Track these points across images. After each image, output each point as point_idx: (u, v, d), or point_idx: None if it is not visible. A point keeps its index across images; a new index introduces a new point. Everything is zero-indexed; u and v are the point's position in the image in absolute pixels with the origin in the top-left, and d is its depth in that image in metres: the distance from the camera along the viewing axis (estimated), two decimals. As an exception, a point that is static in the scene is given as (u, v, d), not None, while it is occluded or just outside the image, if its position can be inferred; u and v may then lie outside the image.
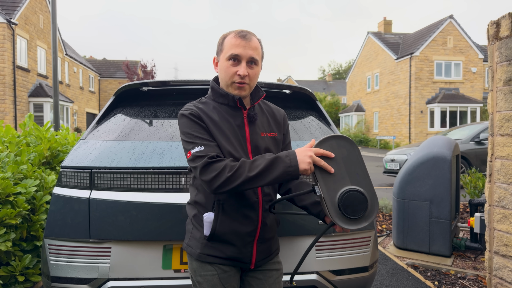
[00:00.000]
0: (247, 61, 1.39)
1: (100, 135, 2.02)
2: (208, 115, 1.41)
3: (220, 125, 1.40)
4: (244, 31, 1.41)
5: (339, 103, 37.28)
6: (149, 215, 1.76)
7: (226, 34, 1.43)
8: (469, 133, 9.16)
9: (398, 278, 3.32)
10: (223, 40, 1.42)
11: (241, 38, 1.38)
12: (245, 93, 1.42)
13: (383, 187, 9.08)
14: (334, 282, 1.88)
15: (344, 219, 1.24)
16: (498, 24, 2.34)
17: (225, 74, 1.41)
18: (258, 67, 1.43)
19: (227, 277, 1.44)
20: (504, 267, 2.32)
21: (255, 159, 1.30)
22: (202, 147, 1.33)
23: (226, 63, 1.39)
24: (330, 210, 1.24)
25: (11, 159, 2.74)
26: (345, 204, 1.23)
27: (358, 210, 1.23)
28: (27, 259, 2.55)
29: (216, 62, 1.49)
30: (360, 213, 1.23)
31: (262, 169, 1.25)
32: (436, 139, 3.93)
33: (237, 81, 1.39)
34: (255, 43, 1.41)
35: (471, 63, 23.88)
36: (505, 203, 2.30)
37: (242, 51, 1.37)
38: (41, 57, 20.76)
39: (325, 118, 2.32)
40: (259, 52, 1.43)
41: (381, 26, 29.23)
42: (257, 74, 1.44)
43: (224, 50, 1.40)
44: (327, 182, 1.26)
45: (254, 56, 1.40)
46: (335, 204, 1.24)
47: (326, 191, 1.25)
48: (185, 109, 1.43)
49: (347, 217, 1.23)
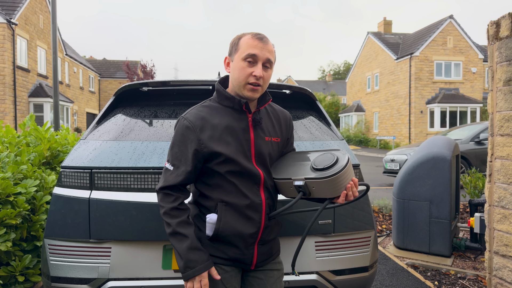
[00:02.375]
0: (263, 62, 1.38)
1: (100, 135, 2.02)
2: (210, 123, 1.40)
3: (221, 133, 1.39)
4: (260, 33, 1.41)
5: (339, 103, 37.29)
6: (149, 215, 1.76)
7: (242, 35, 1.42)
8: (469, 133, 9.16)
9: (398, 278, 3.32)
10: (239, 40, 1.41)
11: (258, 39, 1.38)
12: (257, 95, 1.41)
13: (383, 187, 9.08)
14: (334, 282, 1.89)
15: (320, 171, 1.37)
16: (498, 24, 2.34)
17: (239, 74, 1.39)
18: (271, 71, 1.43)
19: (228, 277, 1.44)
20: (504, 267, 2.32)
21: (182, 233, 1.36)
22: (172, 167, 1.40)
23: (241, 63, 1.38)
24: (314, 178, 1.37)
25: (11, 159, 2.74)
26: (316, 162, 1.41)
27: (327, 160, 1.39)
28: (27, 259, 2.56)
29: (227, 62, 1.47)
30: (331, 161, 1.37)
31: (173, 241, 1.38)
32: (436, 139, 3.93)
33: (252, 81, 1.38)
34: (271, 47, 1.42)
35: (471, 63, 23.88)
36: (505, 203, 2.30)
37: (260, 52, 1.37)
38: (41, 57, 20.76)
39: (325, 118, 2.32)
40: (274, 55, 1.43)
41: (381, 26, 29.23)
42: (270, 77, 1.44)
43: (240, 50, 1.39)
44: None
45: (270, 58, 1.40)
46: (310, 168, 1.40)
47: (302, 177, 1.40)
48: (186, 117, 1.42)
49: (322, 168, 1.37)
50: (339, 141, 2.14)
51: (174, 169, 1.39)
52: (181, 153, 1.38)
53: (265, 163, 1.46)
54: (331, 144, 2.09)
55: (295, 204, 1.84)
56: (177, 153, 1.39)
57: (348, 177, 1.37)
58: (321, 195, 1.40)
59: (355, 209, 1.95)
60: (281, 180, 1.45)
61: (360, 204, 1.97)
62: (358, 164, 2.03)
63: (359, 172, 2.04)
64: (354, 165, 2.01)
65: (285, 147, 1.60)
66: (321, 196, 1.41)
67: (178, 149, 1.39)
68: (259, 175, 1.42)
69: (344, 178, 1.36)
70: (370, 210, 2.00)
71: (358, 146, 26.12)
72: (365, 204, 2.00)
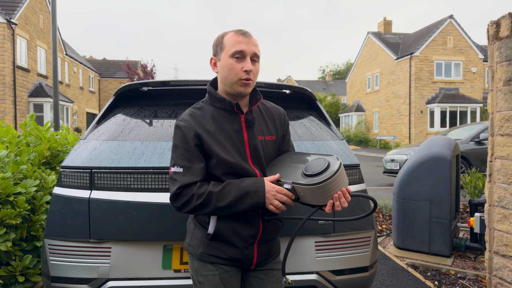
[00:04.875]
0: (250, 57, 1.39)
1: (100, 135, 2.02)
2: (203, 125, 1.39)
3: (215, 135, 1.39)
4: (242, 29, 1.41)
5: (339, 103, 37.29)
6: (149, 215, 1.76)
7: (224, 34, 1.42)
8: (469, 133, 9.16)
9: (398, 278, 3.32)
10: (222, 39, 1.41)
11: (242, 35, 1.38)
12: (249, 90, 1.41)
13: (383, 187, 9.08)
14: (334, 282, 1.88)
15: (308, 177, 1.33)
16: (498, 24, 2.34)
17: (229, 72, 1.38)
18: (258, 64, 1.43)
19: (228, 277, 1.44)
20: (504, 267, 2.32)
21: (224, 186, 1.33)
22: (181, 169, 1.36)
23: (230, 60, 1.38)
24: (301, 184, 1.33)
25: (11, 159, 2.74)
26: (307, 167, 1.36)
27: (318, 165, 1.34)
28: (27, 259, 2.56)
29: (214, 63, 1.46)
30: (321, 168, 1.33)
31: (230, 202, 1.31)
32: (436, 139, 3.93)
33: (243, 77, 1.37)
34: (255, 41, 1.42)
35: (471, 63, 23.88)
36: (505, 203, 2.30)
37: (246, 47, 1.37)
38: (41, 57, 20.76)
39: (325, 118, 2.31)
40: (259, 49, 1.43)
41: (381, 26, 29.23)
42: (258, 71, 1.44)
43: (226, 48, 1.38)
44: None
45: (257, 52, 1.40)
46: (301, 173, 1.37)
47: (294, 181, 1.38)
48: (181, 118, 1.42)
49: (310, 174, 1.32)
50: (339, 141, 2.14)
51: (184, 170, 1.35)
52: (187, 152, 1.36)
53: (261, 162, 1.46)
54: (331, 144, 2.08)
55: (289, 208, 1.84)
56: (183, 154, 1.37)
57: (337, 186, 1.31)
58: (308, 201, 1.37)
59: (355, 209, 1.95)
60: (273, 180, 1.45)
61: (360, 204, 1.97)
62: (358, 164, 2.03)
63: (359, 172, 2.04)
64: (354, 165, 2.01)
65: (281, 144, 1.59)
66: (308, 202, 1.38)
67: (183, 149, 1.37)
68: (256, 175, 1.42)
69: (331, 187, 1.30)
70: (370, 209, 2.00)
71: (358, 146, 26.12)
72: (365, 204, 2.00)
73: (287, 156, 1.55)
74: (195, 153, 1.37)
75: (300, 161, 1.46)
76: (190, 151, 1.37)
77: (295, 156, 1.52)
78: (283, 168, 1.46)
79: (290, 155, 1.55)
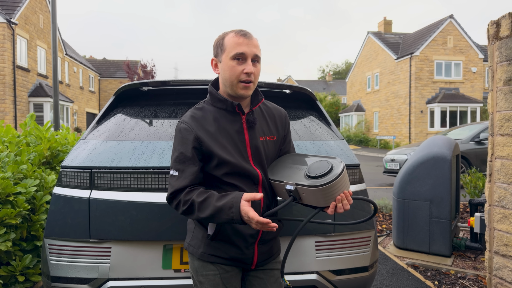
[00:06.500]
0: (251, 58, 1.38)
1: (100, 135, 2.02)
2: (204, 127, 1.39)
3: (216, 135, 1.39)
4: (243, 30, 1.40)
5: (339, 103, 37.28)
6: (149, 215, 1.76)
7: (224, 35, 1.41)
8: (469, 133, 9.16)
9: (398, 278, 3.32)
10: (223, 40, 1.40)
11: (243, 36, 1.37)
12: (250, 92, 1.40)
13: (383, 187, 9.08)
14: (334, 282, 1.88)
15: (311, 179, 1.33)
16: (498, 24, 2.34)
17: (230, 74, 1.37)
18: (260, 65, 1.42)
19: (229, 277, 1.44)
20: (504, 267, 2.32)
21: (205, 198, 1.31)
22: (177, 172, 1.37)
23: (230, 62, 1.37)
24: (304, 185, 1.33)
25: (11, 159, 2.74)
26: (310, 169, 1.36)
27: (321, 167, 1.34)
28: (27, 259, 2.56)
29: (215, 64, 1.45)
30: (325, 170, 1.33)
31: (209, 215, 1.31)
32: (436, 139, 3.93)
33: (244, 79, 1.37)
34: (256, 41, 1.41)
35: (471, 63, 23.88)
36: (505, 203, 2.30)
37: (247, 49, 1.36)
38: (41, 57, 20.75)
39: (325, 118, 2.31)
40: (259, 50, 1.42)
41: (381, 26, 29.22)
42: (259, 72, 1.43)
43: (227, 50, 1.37)
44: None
45: (258, 53, 1.39)
46: (304, 174, 1.36)
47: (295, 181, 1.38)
48: (182, 120, 1.43)
49: (314, 176, 1.32)
50: (339, 141, 2.14)
51: (179, 173, 1.37)
52: (182, 155, 1.37)
53: (262, 163, 1.45)
54: (331, 144, 2.08)
55: (290, 209, 1.84)
56: (178, 157, 1.38)
57: (339, 189, 1.32)
58: (310, 203, 1.37)
59: (355, 209, 1.95)
60: (275, 181, 1.45)
61: (360, 205, 1.97)
62: (358, 164, 2.03)
63: (359, 172, 2.04)
64: (354, 165, 2.01)
65: (282, 145, 1.59)
66: (310, 204, 1.38)
67: (179, 152, 1.38)
68: (257, 175, 1.42)
69: (334, 189, 1.31)
70: (370, 210, 2.00)
71: (358, 146, 26.12)
72: (366, 205, 2.00)
73: (288, 157, 1.55)
74: (191, 156, 1.37)
75: (301, 162, 1.45)
76: (187, 153, 1.37)
77: (296, 157, 1.52)
78: (284, 169, 1.46)
79: (291, 156, 1.55)
